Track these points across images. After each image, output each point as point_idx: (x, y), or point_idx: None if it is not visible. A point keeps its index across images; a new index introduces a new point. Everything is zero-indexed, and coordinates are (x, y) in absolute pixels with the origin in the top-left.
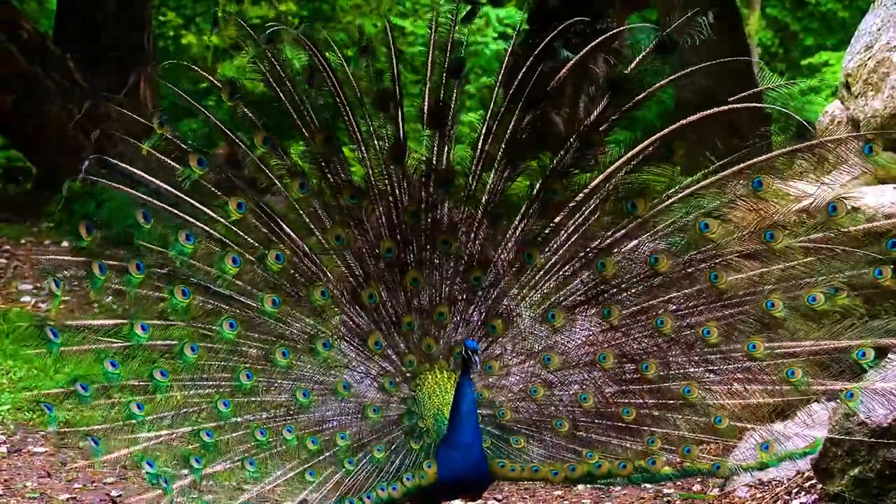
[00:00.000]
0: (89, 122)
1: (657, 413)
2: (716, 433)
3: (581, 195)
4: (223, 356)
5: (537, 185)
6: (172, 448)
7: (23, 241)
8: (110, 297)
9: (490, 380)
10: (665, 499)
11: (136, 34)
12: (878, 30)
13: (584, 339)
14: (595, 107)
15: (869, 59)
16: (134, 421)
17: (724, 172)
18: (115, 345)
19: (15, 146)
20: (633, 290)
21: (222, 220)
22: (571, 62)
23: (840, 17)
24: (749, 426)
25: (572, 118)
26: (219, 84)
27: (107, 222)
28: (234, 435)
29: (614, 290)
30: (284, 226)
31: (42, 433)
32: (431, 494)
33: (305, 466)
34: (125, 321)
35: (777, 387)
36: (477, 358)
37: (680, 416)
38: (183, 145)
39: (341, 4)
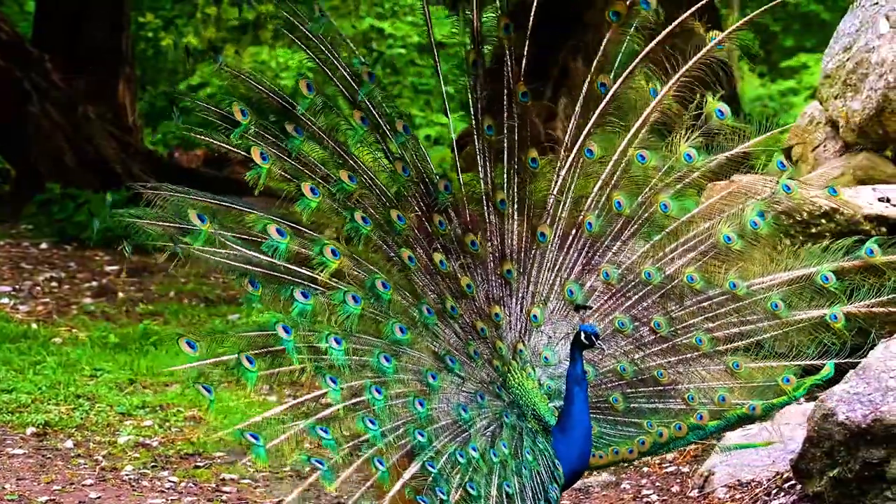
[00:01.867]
0: (68, 124)
1: (682, 369)
2: (737, 377)
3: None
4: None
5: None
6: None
7: (1, 243)
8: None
9: (550, 370)
10: (644, 499)
11: (114, 36)
12: (857, 31)
13: (599, 310)
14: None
15: (848, 60)
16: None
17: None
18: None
19: None
20: (616, 246)
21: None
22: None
23: (821, 18)
24: (764, 365)
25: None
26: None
27: (86, 224)
28: (444, 442)
29: (602, 249)
30: (390, 250)
31: (21, 435)
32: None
33: (500, 479)
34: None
35: (768, 322)
36: (600, 342)
37: (702, 368)
38: (242, 237)
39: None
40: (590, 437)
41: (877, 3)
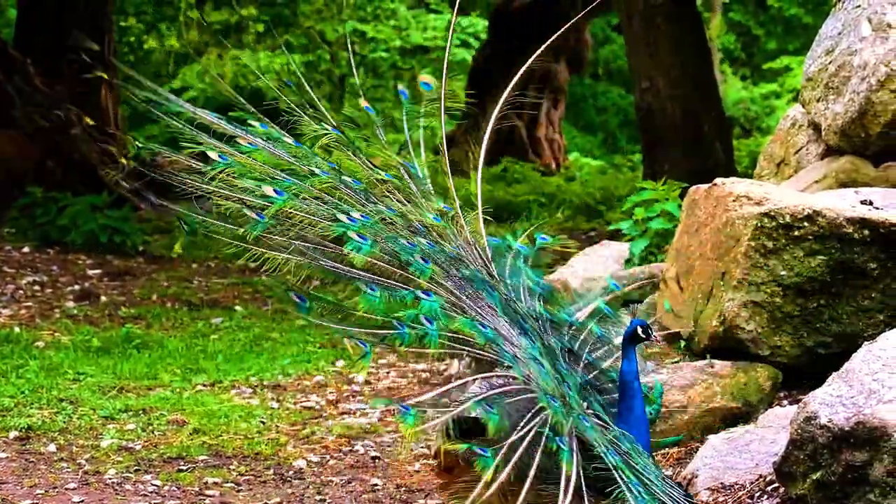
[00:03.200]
0: (51, 127)
1: (602, 378)
2: None
3: None
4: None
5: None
6: None
7: None
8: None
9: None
10: None
11: (97, 40)
12: (839, 34)
13: (547, 331)
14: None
15: (830, 62)
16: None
17: None
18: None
19: None
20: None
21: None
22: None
23: (804, 21)
24: None
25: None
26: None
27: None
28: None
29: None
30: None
31: (3, 439)
32: None
33: (640, 464)
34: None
35: (606, 347)
36: (652, 332)
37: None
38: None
39: (302, 10)
40: (649, 431)
41: (859, 6)
